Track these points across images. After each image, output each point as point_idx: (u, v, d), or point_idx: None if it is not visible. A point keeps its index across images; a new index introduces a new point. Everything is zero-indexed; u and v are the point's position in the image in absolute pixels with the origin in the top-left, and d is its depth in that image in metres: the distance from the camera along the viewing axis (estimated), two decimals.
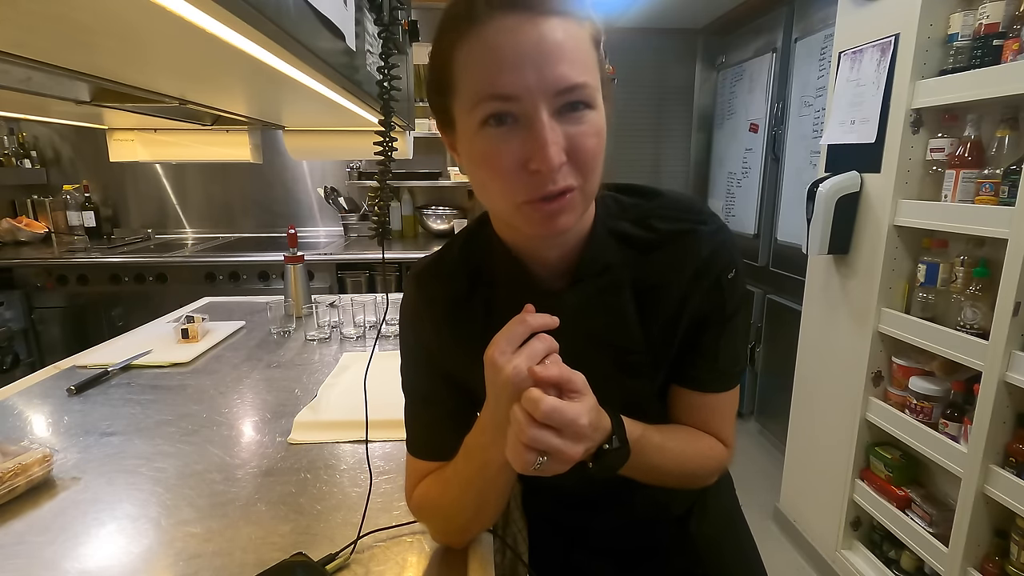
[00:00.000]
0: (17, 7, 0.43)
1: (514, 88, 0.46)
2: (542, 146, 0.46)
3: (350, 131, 1.66)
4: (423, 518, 0.68)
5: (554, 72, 0.46)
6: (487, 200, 0.55)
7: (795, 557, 1.97)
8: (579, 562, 0.79)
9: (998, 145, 1.26)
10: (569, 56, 0.47)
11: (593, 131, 0.49)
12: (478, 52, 0.47)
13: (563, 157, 0.48)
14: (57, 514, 0.73)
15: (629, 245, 0.60)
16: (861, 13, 1.59)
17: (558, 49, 0.46)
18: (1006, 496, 1.20)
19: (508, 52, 0.46)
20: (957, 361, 1.31)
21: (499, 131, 0.48)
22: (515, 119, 0.48)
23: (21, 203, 3.02)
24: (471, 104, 0.48)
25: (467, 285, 0.63)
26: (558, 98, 0.47)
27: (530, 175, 0.48)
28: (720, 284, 0.60)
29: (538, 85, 0.46)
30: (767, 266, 2.71)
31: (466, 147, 0.52)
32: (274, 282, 2.51)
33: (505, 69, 0.46)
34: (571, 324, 0.59)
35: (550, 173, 0.47)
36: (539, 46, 0.46)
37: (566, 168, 0.49)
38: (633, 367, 0.63)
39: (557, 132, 0.47)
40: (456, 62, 0.49)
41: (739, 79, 2.91)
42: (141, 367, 1.25)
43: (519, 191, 0.49)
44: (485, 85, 0.47)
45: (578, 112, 0.48)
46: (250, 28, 0.45)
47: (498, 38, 0.46)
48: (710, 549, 0.78)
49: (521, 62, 0.46)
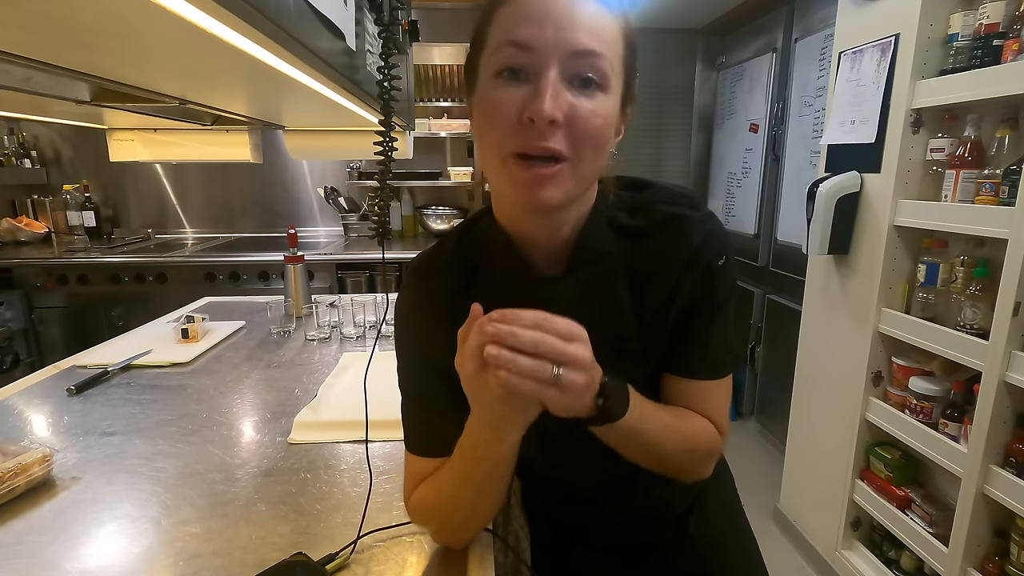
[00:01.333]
0: (17, 7, 0.43)
1: (532, 39, 0.50)
2: (539, 95, 0.49)
3: (350, 131, 1.66)
4: (420, 521, 0.68)
5: (572, 34, 0.49)
6: (482, 159, 0.57)
7: (795, 557, 1.97)
8: (580, 561, 0.79)
9: (998, 145, 1.26)
10: (591, 27, 0.50)
11: (599, 111, 0.52)
12: (512, 9, 0.52)
13: (558, 115, 0.50)
14: (57, 514, 0.73)
15: (624, 234, 0.62)
16: (861, 13, 1.59)
17: (584, 17, 0.50)
18: (1006, 496, 1.20)
19: (536, 8, 0.50)
20: (957, 361, 1.31)
21: (508, 83, 0.51)
22: (526, 75, 0.51)
23: (21, 203, 3.02)
24: (492, 51, 0.52)
25: (465, 277, 0.64)
26: (571, 60, 0.50)
27: (524, 126, 0.50)
28: (711, 271, 0.61)
29: (554, 41, 0.49)
30: (767, 266, 2.71)
31: (478, 100, 0.55)
32: (274, 282, 2.51)
33: (528, 22, 0.50)
34: (566, 311, 0.60)
35: (541, 125, 0.49)
36: (565, 10, 0.50)
37: (560, 133, 0.51)
38: (627, 354, 0.63)
39: (560, 92, 0.50)
40: (493, 20, 0.53)
41: (739, 79, 2.91)
42: (141, 367, 1.25)
43: (509, 140, 0.51)
44: (507, 33, 0.51)
45: (589, 88, 0.51)
46: (250, 28, 0.45)
47: (534, 1, 0.51)
48: (711, 548, 0.78)
49: (544, 18, 0.50)
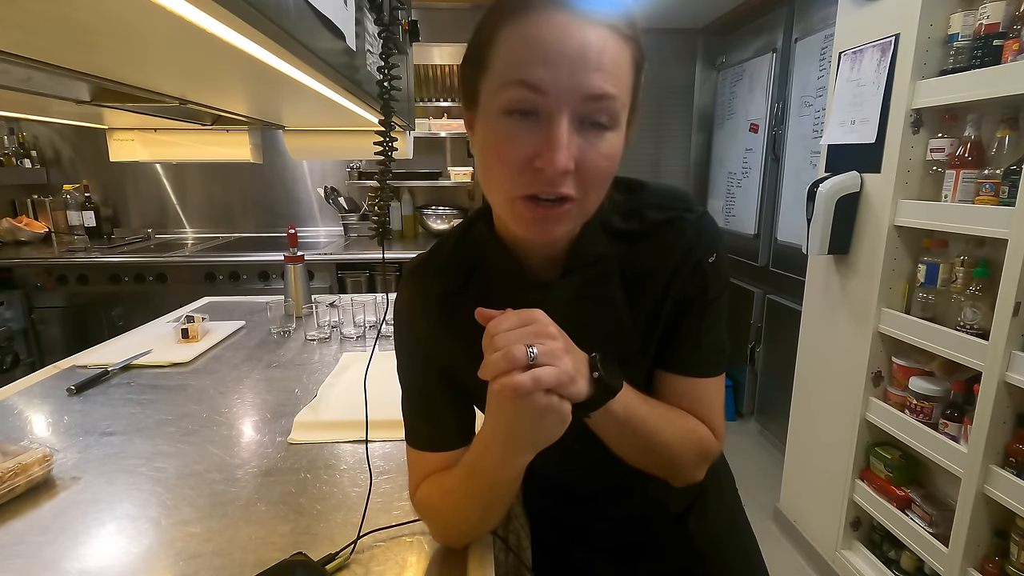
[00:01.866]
0: (18, 7, 0.43)
1: (545, 82, 0.47)
2: (553, 147, 0.47)
3: (350, 131, 1.66)
4: (425, 518, 0.68)
5: (587, 77, 0.47)
6: (487, 187, 0.56)
7: (795, 557, 1.97)
8: (580, 560, 0.79)
9: (998, 145, 1.26)
10: (606, 67, 0.48)
11: (608, 153, 0.50)
12: (520, 38, 0.48)
13: (571, 165, 0.48)
14: (57, 514, 0.73)
15: (618, 237, 0.61)
16: (861, 13, 1.59)
17: (597, 57, 0.47)
18: (1006, 496, 1.20)
19: (548, 46, 0.47)
20: (957, 361, 1.31)
21: (518, 123, 0.49)
22: (536, 116, 0.48)
23: (21, 203, 3.02)
24: (498, 86, 0.49)
25: (462, 279, 0.64)
26: (584, 105, 0.48)
27: (534, 172, 0.49)
28: (701, 268, 0.61)
29: (568, 85, 0.47)
30: (767, 266, 2.71)
31: (482, 128, 0.53)
32: (274, 282, 2.51)
33: (541, 61, 0.47)
34: (561, 314, 0.60)
35: (553, 175, 0.48)
36: (580, 49, 0.47)
37: (571, 178, 0.49)
38: (622, 355, 0.63)
39: (572, 139, 0.48)
40: (497, 41, 0.50)
41: (739, 79, 2.91)
42: (141, 367, 1.25)
43: (519, 184, 0.50)
44: (517, 70, 0.48)
45: (598, 130, 0.49)
46: (250, 28, 0.45)
47: (543, 31, 0.47)
48: (711, 547, 0.78)
49: (559, 59, 0.46)
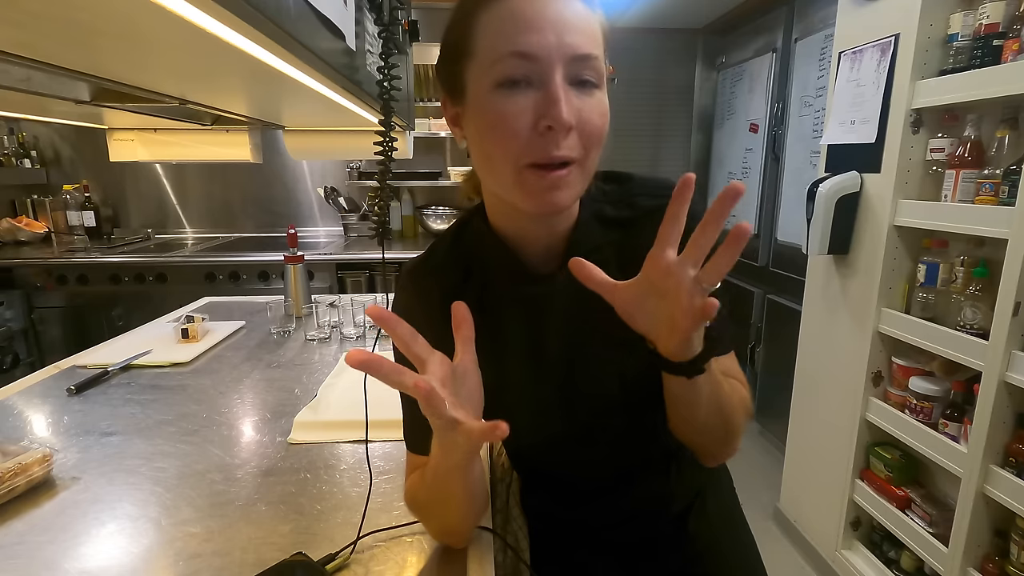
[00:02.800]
0: (17, 7, 0.43)
1: (535, 47, 0.49)
2: (555, 102, 0.49)
3: (350, 131, 1.66)
4: (412, 512, 0.69)
5: (573, 39, 0.50)
6: (489, 170, 0.56)
7: (795, 557, 1.97)
8: (579, 560, 0.79)
9: (998, 145, 1.26)
10: (585, 29, 0.50)
11: (600, 109, 0.52)
12: (504, 14, 0.50)
13: (573, 119, 0.50)
14: (57, 514, 0.73)
15: (612, 227, 0.62)
16: (861, 13, 1.59)
17: (576, 20, 0.50)
18: (1006, 496, 1.20)
19: (532, 15, 0.50)
20: (957, 361, 1.31)
21: (512, 92, 0.50)
22: (529, 83, 0.50)
23: (21, 203, 3.02)
24: (489, 64, 0.51)
25: (460, 277, 0.64)
26: (573, 64, 0.50)
27: (539, 136, 0.50)
28: None
29: (557, 47, 0.49)
30: (767, 266, 2.71)
31: (476, 111, 0.53)
32: (274, 282, 2.51)
33: (528, 29, 0.49)
34: (563, 306, 0.60)
35: (560, 132, 0.50)
36: (560, 14, 0.50)
37: (573, 136, 0.51)
38: (627, 343, 0.63)
39: (571, 97, 0.50)
40: (478, 25, 0.52)
41: (739, 79, 2.91)
42: (141, 367, 1.25)
43: (526, 152, 0.51)
44: (507, 43, 0.50)
45: (588, 88, 0.51)
46: (250, 28, 0.45)
47: (523, 4, 0.50)
48: (709, 547, 0.78)
49: (543, 25, 0.49)
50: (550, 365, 0.64)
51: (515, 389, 0.66)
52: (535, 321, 0.63)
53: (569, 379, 0.65)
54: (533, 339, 0.64)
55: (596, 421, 0.68)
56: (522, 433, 0.72)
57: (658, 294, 0.49)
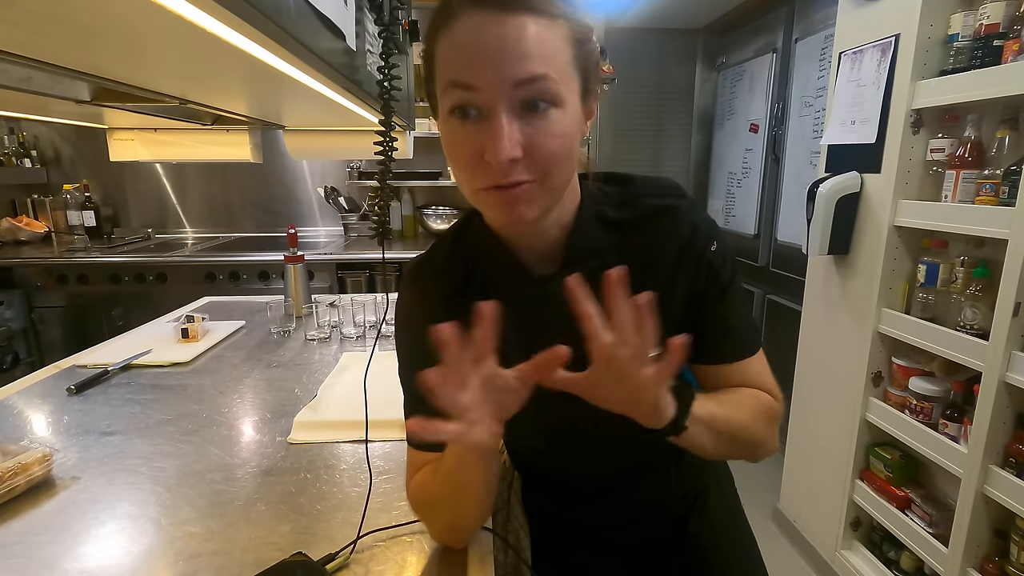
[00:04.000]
0: (17, 7, 0.43)
1: (474, 79, 0.49)
2: (494, 139, 0.49)
3: (350, 131, 1.66)
4: (416, 510, 0.69)
5: (512, 66, 0.49)
6: (458, 185, 0.58)
7: (795, 557, 1.97)
8: (580, 560, 0.79)
9: (998, 145, 1.26)
10: (530, 51, 0.49)
11: (555, 131, 0.51)
12: (449, 44, 0.51)
13: (517, 152, 0.50)
14: (57, 513, 0.73)
15: (613, 228, 0.62)
16: (861, 13, 1.59)
17: (517, 44, 0.49)
18: (1006, 496, 1.20)
19: (471, 45, 0.49)
20: (957, 361, 1.31)
21: (462, 123, 0.52)
22: (478, 111, 0.50)
23: (21, 202, 3.02)
24: (441, 90, 0.52)
25: (461, 277, 0.64)
26: (517, 91, 0.49)
27: (485, 165, 0.51)
28: (707, 258, 0.62)
29: (495, 78, 0.49)
30: (767, 266, 2.71)
31: (441, 131, 0.56)
32: (274, 282, 2.51)
33: (467, 61, 0.49)
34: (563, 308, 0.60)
35: (499, 166, 0.50)
36: (499, 42, 0.48)
37: (521, 164, 0.51)
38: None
39: (513, 128, 0.50)
40: (436, 51, 0.53)
41: (739, 79, 2.91)
42: (141, 367, 1.25)
43: (476, 179, 0.52)
44: (451, 73, 0.51)
45: (539, 111, 0.50)
46: (250, 28, 0.45)
47: (466, 32, 0.49)
48: (710, 548, 0.78)
49: (481, 56, 0.49)
50: None
51: None
52: (535, 322, 0.63)
53: None
54: (533, 340, 0.63)
55: (596, 421, 0.68)
56: (523, 434, 0.73)
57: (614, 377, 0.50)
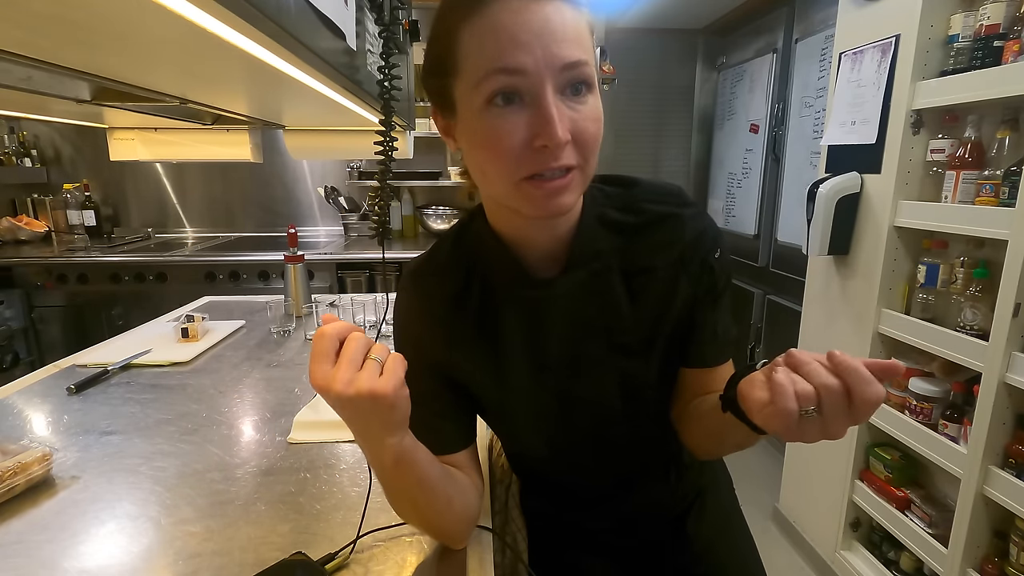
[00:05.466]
0: (17, 6, 0.43)
1: (522, 62, 0.48)
2: (548, 121, 0.48)
3: (350, 131, 1.66)
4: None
5: (559, 48, 0.48)
6: (485, 182, 0.55)
7: (794, 558, 1.97)
8: (578, 561, 0.79)
9: (998, 146, 1.26)
10: (572, 35, 0.49)
11: (594, 115, 0.51)
12: (486, 29, 0.49)
13: (568, 135, 0.49)
14: (56, 513, 0.73)
15: (616, 231, 0.62)
16: (862, 14, 1.59)
17: (563, 27, 0.48)
18: (1005, 497, 1.20)
19: (516, 28, 0.48)
20: (957, 362, 1.31)
21: (504, 110, 0.49)
22: (520, 97, 0.49)
23: (21, 202, 3.02)
24: (476, 81, 0.49)
25: (462, 279, 0.64)
26: (563, 74, 0.49)
27: (535, 152, 0.49)
28: (708, 265, 0.62)
29: (544, 59, 0.48)
30: (767, 266, 2.71)
31: (468, 128, 0.53)
32: (274, 282, 2.51)
33: (513, 44, 0.48)
34: (564, 310, 0.60)
35: (556, 149, 0.49)
36: (545, 24, 0.48)
37: (569, 147, 0.50)
38: (626, 348, 0.63)
39: (563, 110, 0.49)
40: (461, 41, 0.50)
41: (739, 80, 2.91)
42: (141, 366, 1.25)
43: (522, 167, 0.50)
44: (493, 59, 0.48)
45: (580, 95, 0.50)
46: (250, 27, 0.45)
47: (505, 16, 0.48)
48: (708, 549, 0.78)
49: (528, 38, 0.48)
50: (550, 369, 0.64)
51: (515, 392, 0.66)
52: (535, 325, 0.63)
53: (569, 383, 0.65)
54: (533, 343, 0.64)
55: (596, 426, 0.68)
56: (522, 436, 0.73)
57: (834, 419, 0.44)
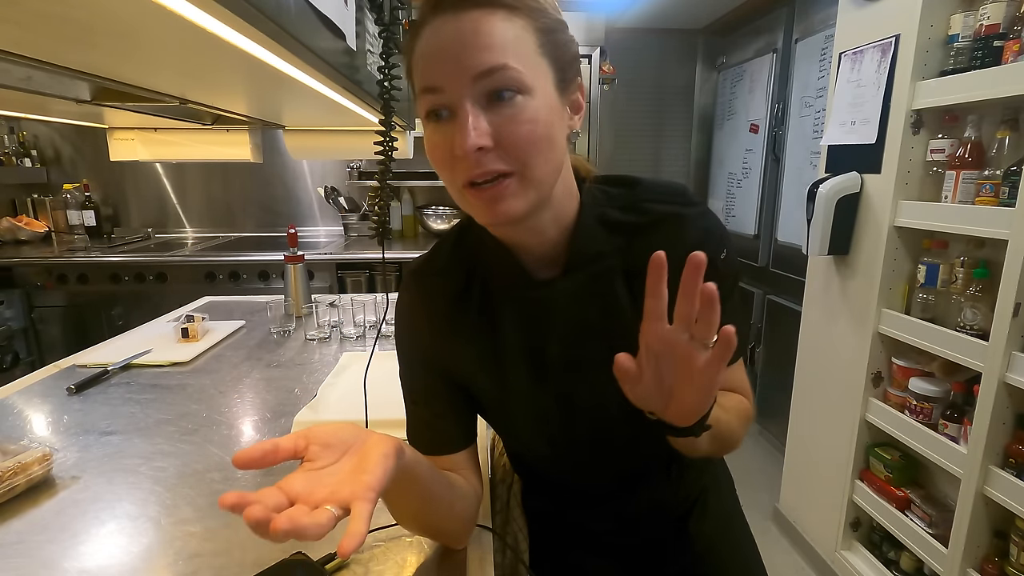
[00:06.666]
0: (17, 6, 0.43)
1: (436, 79, 0.51)
2: (459, 130, 0.50)
3: (350, 131, 1.66)
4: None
5: (472, 59, 0.49)
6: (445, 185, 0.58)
7: (795, 558, 1.97)
8: (579, 561, 0.79)
9: (998, 146, 1.26)
10: (488, 43, 0.49)
11: (523, 117, 0.51)
12: (420, 51, 0.52)
13: (483, 141, 0.50)
14: (57, 513, 0.73)
15: (618, 232, 0.61)
16: (862, 14, 1.59)
17: (474, 38, 0.49)
18: (1006, 497, 1.20)
19: (435, 47, 0.51)
20: (957, 362, 1.31)
21: (436, 125, 0.52)
22: (449, 111, 0.51)
23: (21, 202, 3.02)
24: (417, 96, 0.54)
25: (463, 280, 0.64)
26: (478, 84, 0.50)
27: (460, 160, 0.51)
28: (715, 266, 0.61)
29: (455, 73, 0.50)
30: (767, 266, 2.71)
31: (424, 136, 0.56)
32: (274, 282, 2.51)
33: (430, 63, 0.51)
34: (565, 311, 0.60)
35: (467, 156, 0.50)
36: (456, 38, 0.50)
37: (493, 154, 0.51)
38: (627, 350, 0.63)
39: (479, 119, 0.50)
40: (412, 66, 0.54)
41: (739, 79, 2.91)
42: (141, 366, 1.25)
43: (456, 177, 0.53)
44: (422, 79, 0.52)
45: (505, 100, 0.50)
46: (250, 27, 0.45)
47: (429, 39, 0.51)
48: (710, 549, 0.78)
49: (440, 55, 0.50)
50: (550, 371, 0.64)
51: (515, 393, 0.65)
52: (535, 326, 0.63)
53: (569, 385, 0.65)
54: (533, 344, 0.64)
55: (596, 428, 0.68)
56: (522, 437, 0.72)
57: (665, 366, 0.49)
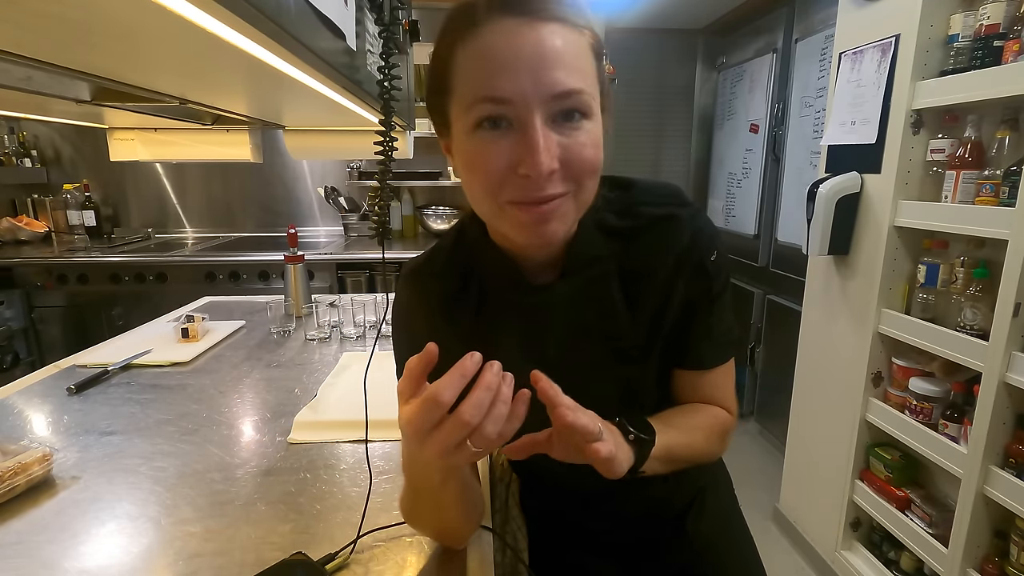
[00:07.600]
0: (17, 6, 0.43)
1: (509, 92, 0.46)
2: (533, 151, 0.46)
3: (350, 131, 1.66)
4: (405, 519, 0.68)
5: (550, 77, 0.46)
6: (473, 202, 0.56)
7: (795, 558, 1.97)
8: (578, 560, 0.79)
9: (998, 146, 1.26)
10: (566, 62, 0.47)
11: (589, 141, 0.49)
12: (476, 54, 0.47)
13: (555, 164, 0.48)
14: (57, 513, 0.73)
15: (614, 236, 0.61)
16: (862, 14, 1.59)
17: (555, 54, 0.46)
18: (1006, 497, 1.20)
19: (505, 55, 0.46)
20: (957, 362, 1.31)
21: (492, 134, 0.48)
22: (509, 123, 0.48)
23: (21, 202, 3.02)
24: (467, 106, 0.49)
25: (460, 281, 0.64)
26: (553, 103, 0.47)
27: (519, 179, 0.48)
28: (704, 268, 0.61)
29: (533, 89, 0.46)
30: (767, 266, 2.71)
31: (459, 147, 0.52)
32: (274, 282, 2.51)
33: (501, 72, 0.46)
34: (562, 315, 0.60)
35: (538, 179, 0.47)
36: (536, 50, 0.46)
37: (557, 176, 0.49)
38: (624, 354, 0.63)
39: (551, 139, 0.47)
40: (455, 64, 0.49)
41: (739, 79, 2.91)
42: (141, 366, 1.25)
43: (504, 193, 0.50)
44: (481, 87, 0.47)
45: (574, 121, 0.49)
46: (250, 27, 0.45)
47: (496, 41, 0.46)
48: (708, 548, 0.78)
49: (517, 66, 0.46)
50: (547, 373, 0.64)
51: None
52: (532, 329, 0.63)
53: (567, 387, 0.65)
54: (530, 347, 0.64)
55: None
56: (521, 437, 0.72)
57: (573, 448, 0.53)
